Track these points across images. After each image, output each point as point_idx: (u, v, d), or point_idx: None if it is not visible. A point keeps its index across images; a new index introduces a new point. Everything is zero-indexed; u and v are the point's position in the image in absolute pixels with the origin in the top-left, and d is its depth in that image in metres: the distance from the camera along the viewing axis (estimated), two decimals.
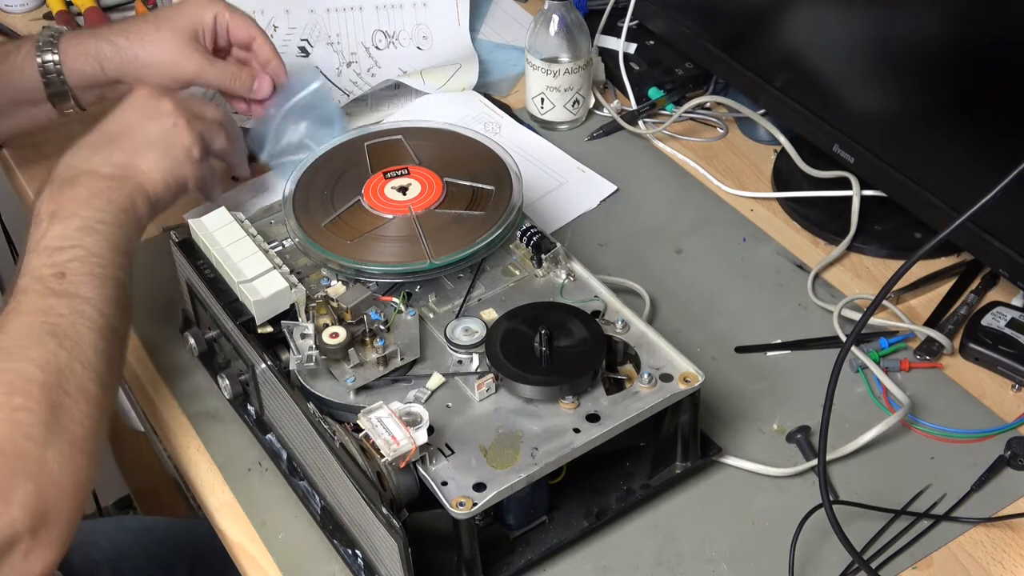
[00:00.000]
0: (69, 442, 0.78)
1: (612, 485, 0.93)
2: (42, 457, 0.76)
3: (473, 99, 1.33)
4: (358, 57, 1.38)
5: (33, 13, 1.49)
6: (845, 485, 0.95)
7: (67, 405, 0.79)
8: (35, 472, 0.75)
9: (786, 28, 1.18)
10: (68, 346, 0.82)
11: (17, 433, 0.76)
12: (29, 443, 0.76)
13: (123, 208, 0.92)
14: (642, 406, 0.87)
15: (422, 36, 1.39)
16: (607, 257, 1.15)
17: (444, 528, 0.83)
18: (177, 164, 0.98)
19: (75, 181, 0.92)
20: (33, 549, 0.75)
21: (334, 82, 1.35)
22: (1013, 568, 0.89)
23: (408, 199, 0.99)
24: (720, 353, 1.06)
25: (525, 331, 0.89)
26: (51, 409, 0.78)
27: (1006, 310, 1.05)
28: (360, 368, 0.89)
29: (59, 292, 0.84)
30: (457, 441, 0.85)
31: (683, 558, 0.90)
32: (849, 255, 1.16)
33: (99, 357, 0.83)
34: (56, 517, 0.76)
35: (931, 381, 1.03)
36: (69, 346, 0.82)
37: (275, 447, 0.96)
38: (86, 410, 0.81)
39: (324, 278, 0.97)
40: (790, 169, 1.22)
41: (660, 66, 1.37)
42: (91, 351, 0.83)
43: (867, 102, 1.12)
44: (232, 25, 1.12)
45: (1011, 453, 0.95)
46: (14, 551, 0.74)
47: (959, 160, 1.04)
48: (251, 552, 0.92)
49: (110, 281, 0.87)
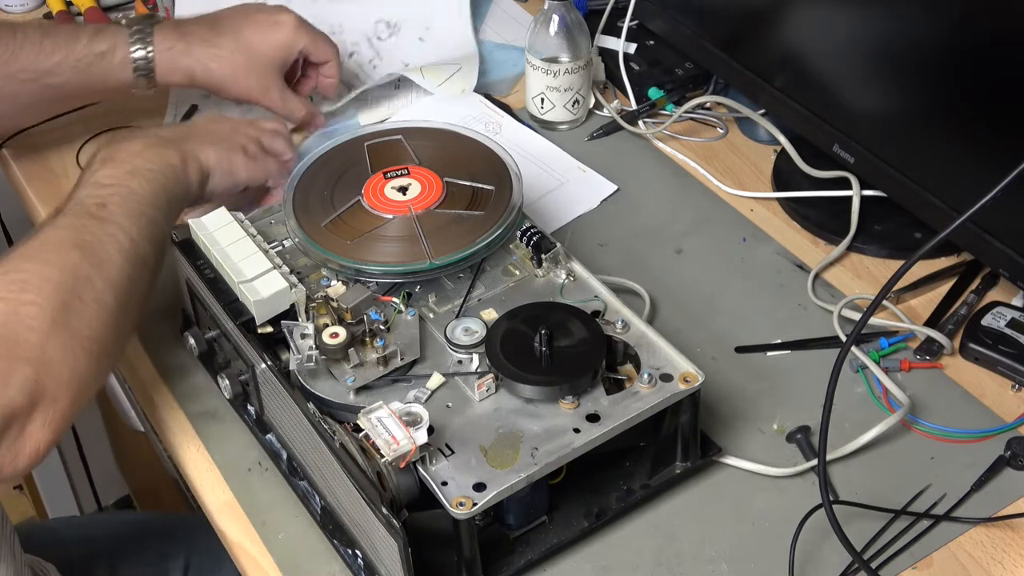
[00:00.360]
0: (73, 338, 0.82)
1: (612, 485, 0.93)
2: (43, 346, 0.81)
3: (473, 99, 1.33)
4: (360, 48, 1.38)
5: (33, 13, 1.49)
6: (845, 485, 0.95)
7: (77, 308, 0.83)
8: (33, 359, 0.80)
9: (786, 28, 1.18)
10: (92, 260, 0.86)
11: (20, 324, 0.80)
12: (31, 333, 0.80)
13: (173, 166, 0.98)
14: (642, 406, 0.87)
15: (425, 27, 1.38)
16: (607, 257, 1.15)
17: (444, 528, 0.83)
18: (232, 151, 1.04)
19: (133, 138, 0.99)
20: (29, 429, 0.80)
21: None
22: (1013, 568, 0.89)
23: (408, 199, 0.99)
24: (720, 353, 1.06)
25: (525, 331, 0.89)
26: (60, 308, 0.82)
27: (1006, 310, 1.05)
28: (360, 368, 0.89)
29: (96, 216, 0.89)
30: (457, 441, 0.85)
31: (683, 558, 0.90)
32: (849, 255, 1.16)
33: (122, 278, 0.88)
34: (52, 402, 0.81)
35: (931, 381, 1.03)
36: (93, 260, 0.86)
37: (275, 447, 0.96)
38: (98, 317, 0.85)
39: (324, 278, 0.97)
40: (790, 169, 1.22)
41: (660, 66, 1.37)
42: (115, 270, 0.87)
43: (867, 102, 1.12)
44: (313, 49, 1.21)
45: (1011, 453, 0.95)
46: (11, 428, 0.79)
47: (959, 160, 1.04)
48: (251, 552, 0.92)
49: (147, 219, 0.92)
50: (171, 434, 1.01)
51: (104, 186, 0.92)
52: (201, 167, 1.01)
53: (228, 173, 1.04)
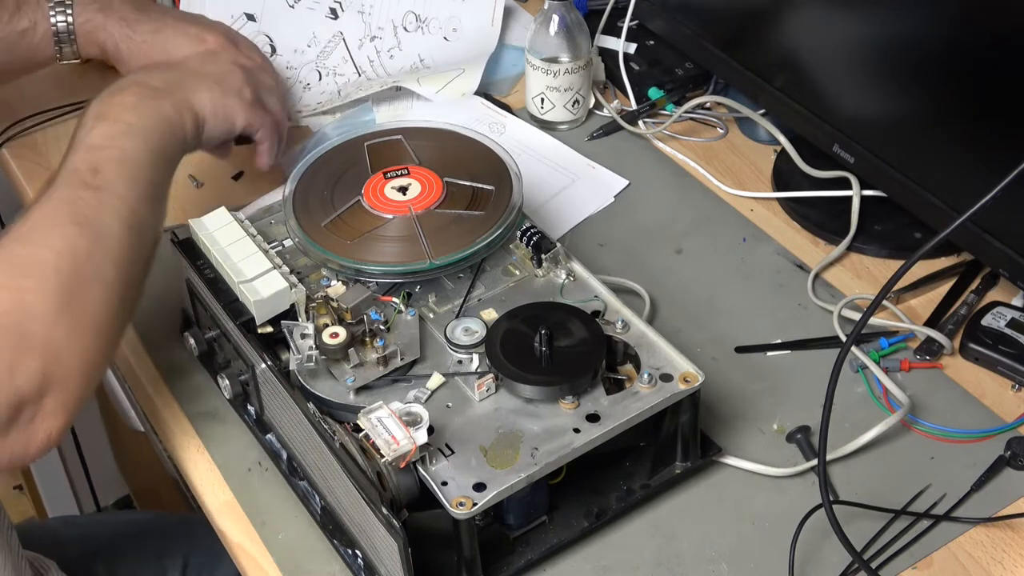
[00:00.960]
0: (78, 322, 0.81)
1: (612, 485, 0.93)
2: (48, 335, 0.80)
3: (474, 101, 1.33)
4: (384, 34, 1.37)
5: None
6: (845, 485, 0.95)
7: (80, 289, 0.82)
8: (40, 348, 0.79)
9: (786, 28, 1.18)
10: (90, 235, 0.84)
11: (24, 314, 0.79)
12: (35, 323, 0.79)
13: (168, 118, 0.95)
14: (642, 406, 0.87)
15: (452, 28, 1.38)
16: (607, 257, 1.15)
17: (444, 528, 0.83)
18: (227, 96, 1.01)
19: (125, 89, 0.95)
20: (39, 416, 0.80)
21: (352, 54, 1.34)
22: (1013, 568, 0.89)
23: (408, 199, 0.99)
24: (720, 353, 1.06)
25: (525, 331, 0.89)
26: (62, 291, 0.81)
27: (1006, 310, 1.05)
28: (360, 368, 0.89)
29: (91, 185, 0.86)
30: (457, 441, 0.85)
31: (683, 558, 0.90)
32: (849, 255, 1.16)
33: (123, 248, 0.86)
34: (62, 389, 0.80)
35: (931, 381, 1.03)
36: (91, 235, 0.84)
37: (275, 447, 0.96)
38: (101, 296, 0.83)
39: (324, 278, 0.97)
40: (790, 169, 1.22)
41: (660, 66, 1.37)
42: (114, 242, 0.85)
43: (867, 102, 1.12)
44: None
45: (1011, 453, 0.95)
46: (21, 416, 0.79)
47: (959, 160, 1.04)
48: (251, 552, 0.92)
49: (144, 181, 0.90)
50: (171, 434, 1.01)
51: (98, 149, 0.89)
52: (196, 115, 0.98)
53: (224, 119, 1.01)
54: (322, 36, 1.36)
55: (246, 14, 1.35)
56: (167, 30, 1.14)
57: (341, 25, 1.36)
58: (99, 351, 0.83)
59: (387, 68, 1.34)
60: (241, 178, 1.24)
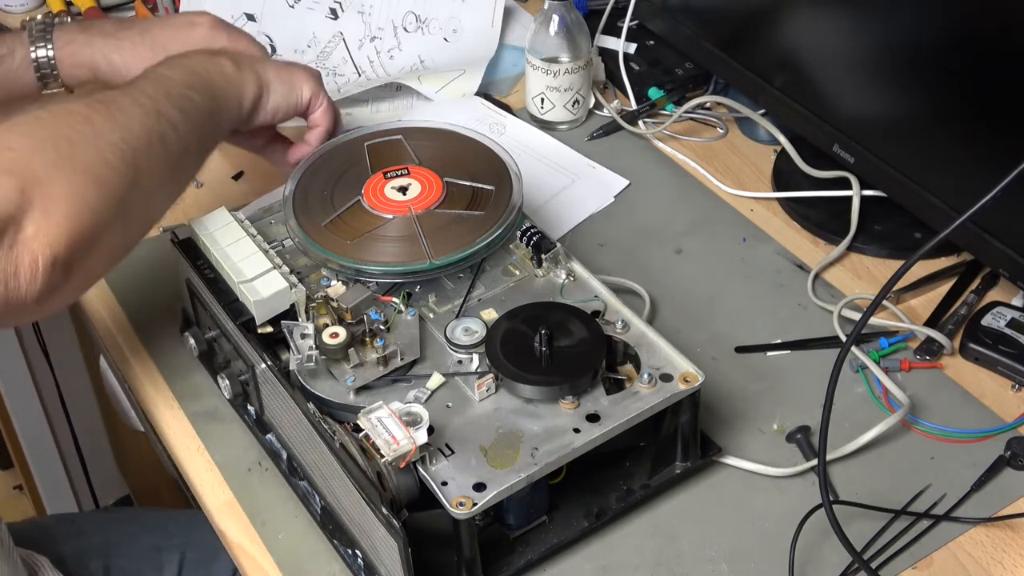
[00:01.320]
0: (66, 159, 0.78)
1: (612, 485, 0.93)
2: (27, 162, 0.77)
3: (474, 101, 1.33)
4: (384, 34, 1.37)
5: (33, 13, 1.49)
6: (845, 485, 0.95)
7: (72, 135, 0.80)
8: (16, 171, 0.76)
9: (786, 28, 1.18)
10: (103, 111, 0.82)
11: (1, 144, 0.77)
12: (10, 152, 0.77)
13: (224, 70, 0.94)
14: (642, 406, 0.87)
15: (452, 29, 1.38)
16: (607, 257, 1.15)
17: (444, 528, 0.83)
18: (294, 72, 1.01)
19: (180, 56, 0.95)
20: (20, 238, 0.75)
21: (352, 55, 1.34)
22: (1013, 568, 0.89)
23: (408, 199, 0.99)
24: (720, 353, 1.06)
25: (525, 331, 0.89)
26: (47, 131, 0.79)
27: (1006, 310, 1.05)
28: (360, 368, 0.89)
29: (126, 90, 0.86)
30: (457, 441, 0.85)
31: (683, 558, 0.90)
32: (849, 255, 1.16)
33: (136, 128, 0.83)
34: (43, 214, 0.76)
35: (931, 381, 1.03)
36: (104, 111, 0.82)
37: (275, 447, 0.96)
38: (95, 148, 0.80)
39: (324, 278, 0.97)
40: (790, 169, 1.22)
41: (660, 66, 1.37)
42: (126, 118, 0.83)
43: (867, 102, 1.12)
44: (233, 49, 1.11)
45: (1011, 453, 0.96)
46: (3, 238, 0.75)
47: (959, 160, 1.04)
48: (251, 552, 0.92)
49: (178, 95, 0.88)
50: (171, 434, 1.01)
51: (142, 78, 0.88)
52: (259, 78, 0.97)
53: (290, 88, 0.99)
54: (322, 36, 1.36)
55: (246, 14, 1.36)
56: (154, 28, 1.11)
57: (341, 25, 1.36)
58: (98, 197, 0.79)
59: (387, 68, 1.34)
60: (241, 178, 1.25)
